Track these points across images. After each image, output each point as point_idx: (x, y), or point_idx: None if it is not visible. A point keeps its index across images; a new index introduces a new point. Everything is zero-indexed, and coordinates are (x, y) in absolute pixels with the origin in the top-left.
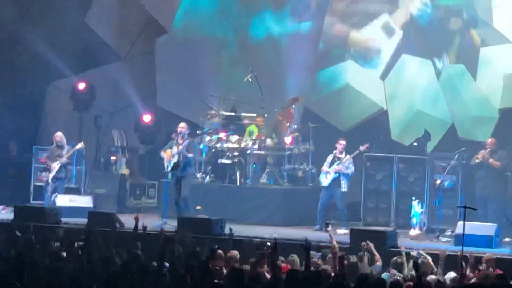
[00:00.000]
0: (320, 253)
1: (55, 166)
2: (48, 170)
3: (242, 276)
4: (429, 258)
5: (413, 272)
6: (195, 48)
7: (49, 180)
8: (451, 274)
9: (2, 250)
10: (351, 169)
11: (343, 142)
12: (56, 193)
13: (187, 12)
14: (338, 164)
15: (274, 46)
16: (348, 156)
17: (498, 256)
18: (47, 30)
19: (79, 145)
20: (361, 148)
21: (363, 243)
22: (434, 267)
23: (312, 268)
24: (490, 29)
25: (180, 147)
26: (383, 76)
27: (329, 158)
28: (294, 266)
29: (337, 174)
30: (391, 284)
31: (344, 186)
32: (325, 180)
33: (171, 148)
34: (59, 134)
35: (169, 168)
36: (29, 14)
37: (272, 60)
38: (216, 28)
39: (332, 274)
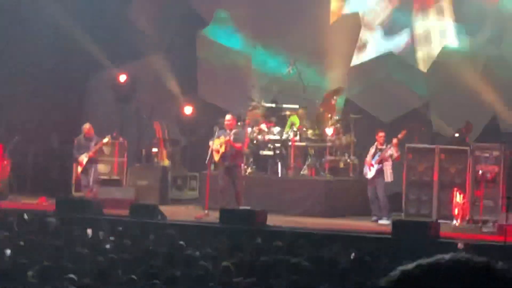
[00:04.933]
0: None
1: (83, 158)
2: (77, 162)
3: None
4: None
5: None
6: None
7: (79, 173)
8: None
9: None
10: (394, 154)
11: (382, 134)
12: (92, 184)
13: None
14: (379, 155)
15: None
16: (390, 145)
17: None
18: (88, 22)
19: (105, 139)
20: (399, 136)
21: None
22: None
23: None
24: None
25: (228, 137)
26: (426, 67)
27: (371, 150)
28: None
29: (380, 165)
30: None
31: (388, 176)
32: (368, 173)
33: (219, 138)
34: (87, 126)
35: (217, 158)
36: (69, 7)
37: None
38: None
39: None
